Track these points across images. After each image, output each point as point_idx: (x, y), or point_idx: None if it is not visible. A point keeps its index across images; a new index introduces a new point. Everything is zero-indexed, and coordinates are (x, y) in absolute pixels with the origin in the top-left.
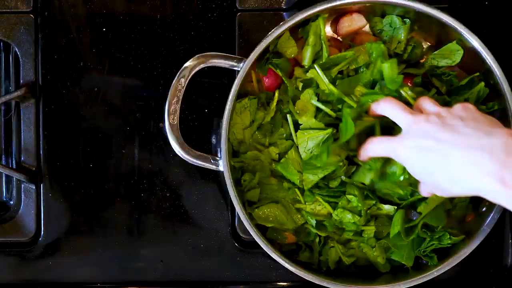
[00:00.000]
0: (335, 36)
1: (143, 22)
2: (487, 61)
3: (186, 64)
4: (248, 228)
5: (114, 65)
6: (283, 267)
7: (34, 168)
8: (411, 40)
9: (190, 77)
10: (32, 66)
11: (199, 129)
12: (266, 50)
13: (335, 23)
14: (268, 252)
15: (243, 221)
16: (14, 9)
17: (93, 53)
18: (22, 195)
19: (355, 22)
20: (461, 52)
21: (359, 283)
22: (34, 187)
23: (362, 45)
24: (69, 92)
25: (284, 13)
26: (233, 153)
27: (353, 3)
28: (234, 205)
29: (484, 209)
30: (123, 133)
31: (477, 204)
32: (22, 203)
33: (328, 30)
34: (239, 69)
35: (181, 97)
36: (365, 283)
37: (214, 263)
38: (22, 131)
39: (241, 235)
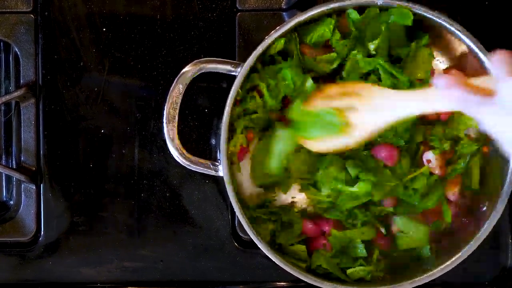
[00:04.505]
0: None
1: (143, 22)
2: (485, 61)
3: (184, 70)
4: (248, 232)
5: (114, 65)
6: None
7: (34, 168)
8: None
9: (188, 83)
10: (32, 66)
11: (199, 129)
12: (264, 53)
13: None
14: (268, 255)
15: (243, 225)
16: (14, 9)
17: (93, 53)
18: (22, 195)
19: None
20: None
21: (359, 285)
22: (34, 187)
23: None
24: (69, 92)
25: (284, 13)
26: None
27: (353, 5)
28: (235, 209)
29: (484, 209)
30: (123, 133)
31: (477, 203)
32: (22, 203)
33: None
34: (236, 73)
35: (179, 103)
36: (365, 284)
37: (214, 263)
38: (22, 131)
39: (241, 235)
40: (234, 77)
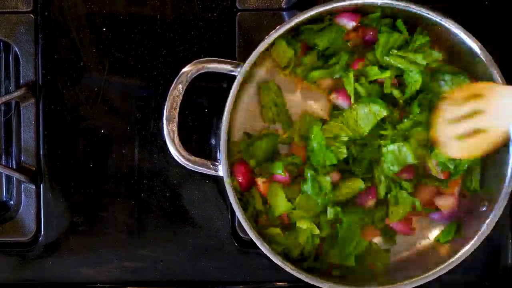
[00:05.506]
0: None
1: (143, 22)
2: (483, 61)
3: (184, 70)
4: (248, 231)
5: (114, 65)
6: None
7: (34, 168)
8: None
9: (187, 83)
10: (32, 66)
11: (199, 129)
12: (264, 53)
13: None
14: (268, 255)
15: (243, 225)
16: (14, 9)
17: (93, 53)
18: (22, 195)
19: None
20: None
21: (359, 284)
22: (34, 187)
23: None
24: (69, 92)
25: (284, 13)
26: None
27: (352, 5)
28: (235, 209)
29: (484, 208)
30: (123, 133)
31: (477, 203)
32: (22, 203)
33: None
34: (236, 73)
35: (179, 103)
36: (365, 284)
37: (214, 263)
38: (22, 131)
39: (241, 235)
40: (234, 77)
